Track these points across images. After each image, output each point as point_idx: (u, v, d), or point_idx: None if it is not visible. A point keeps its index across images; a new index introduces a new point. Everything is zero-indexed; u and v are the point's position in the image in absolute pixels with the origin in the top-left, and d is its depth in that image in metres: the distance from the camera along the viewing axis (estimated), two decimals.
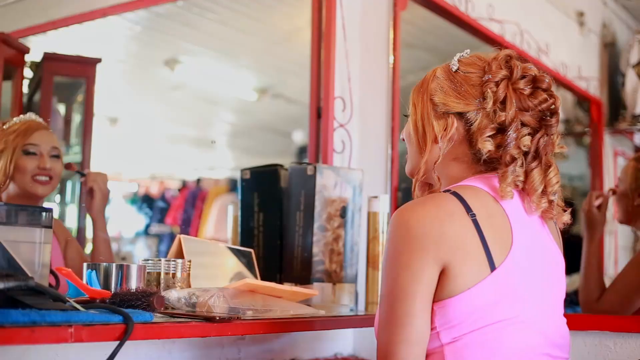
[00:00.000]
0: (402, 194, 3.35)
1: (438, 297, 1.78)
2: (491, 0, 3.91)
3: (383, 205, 2.76)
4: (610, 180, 5.37)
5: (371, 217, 2.76)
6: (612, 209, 5.36)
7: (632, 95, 5.27)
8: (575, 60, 4.81)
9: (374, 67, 3.42)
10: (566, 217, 1.97)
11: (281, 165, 2.83)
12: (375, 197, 2.77)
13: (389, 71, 3.38)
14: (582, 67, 4.83)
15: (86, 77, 3.26)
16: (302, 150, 3.61)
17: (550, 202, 1.91)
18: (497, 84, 1.92)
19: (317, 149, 3.19)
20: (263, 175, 2.85)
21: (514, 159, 1.89)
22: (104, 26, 3.40)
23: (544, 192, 1.91)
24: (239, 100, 4.11)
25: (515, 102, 1.90)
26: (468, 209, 1.81)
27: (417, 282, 1.76)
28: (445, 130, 1.93)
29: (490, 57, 1.97)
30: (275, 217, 2.79)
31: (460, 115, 1.93)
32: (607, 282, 3.64)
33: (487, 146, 1.90)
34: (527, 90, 1.93)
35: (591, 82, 5.09)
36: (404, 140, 2.07)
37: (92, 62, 3.27)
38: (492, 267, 1.79)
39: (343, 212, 2.74)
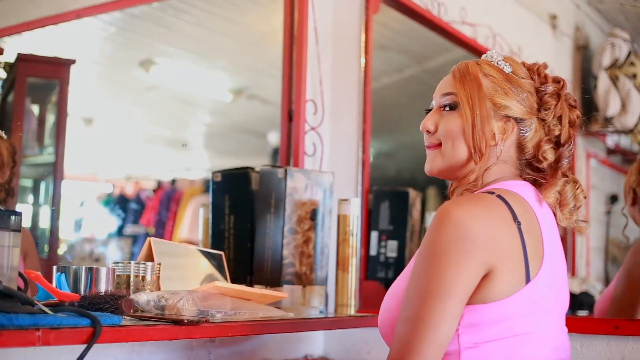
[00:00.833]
0: (373, 196, 3.37)
1: (471, 300, 1.75)
2: (464, 4, 3.93)
3: (353, 208, 2.78)
4: (582, 182, 5.39)
5: (341, 219, 2.77)
6: (584, 211, 5.39)
7: (604, 98, 5.31)
8: (548, 62, 4.83)
9: (345, 70, 3.43)
10: (588, 231, 2.01)
11: (252, 168, 2.83)
12: (346, 199, 2.78)
13: (360, 74, 3.39)
14: (555, 70, 4.84)
15: (60, 78, 3.26)
16: (277, 152, 3.61)
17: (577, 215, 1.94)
18: (552, 97, 1.96)
19: (288, 151, 3.20)
20: (234, 177, 2.85)
21: (566, 174, 1.95)
22: (79, 27, 3.39)
23: (575, 206, 1.95)
24: (214, 102, 4.11)
25: (569, 118, 1.96)
26: (514, 216, 1.80)
27: (460, 282, 1.72)
28: (504, 134, 1.92)
29: (526, 64, 2.02)
30: (246, 219, 2.80)
31: (518, 120, 1.94)
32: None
33: (549, 157, 1.94)
34: (572, 106, 2.00)
35: None
36: (429, 132, 1.96)
37: (66, 63, 3.26)
38: (527, 279, 1.79)
39: (313, 215, 2.75)
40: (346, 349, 3.23)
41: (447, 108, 1.93)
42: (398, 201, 3.33)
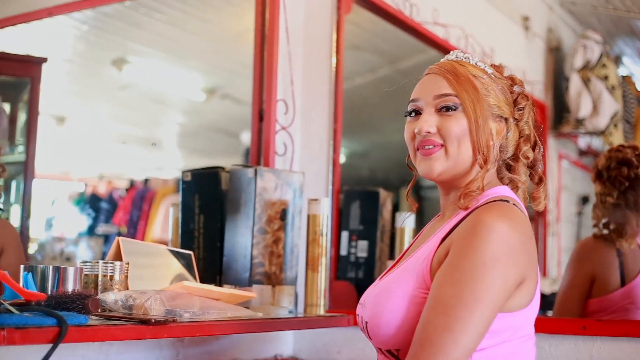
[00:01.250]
0: (343, 196, 3.37)
1: (500, 309, 1.78)
2: (436, 5, 3.94)
3: (323, 207, 2.78)
4: (554, 183, 5.43)
5: (311, 219, 2.77)
6: (555, 212, 5.42)
7: (576, 99, 5.34)
8: (520, 64, 4.86)
9: (316, 70, 3.43)
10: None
11: (222, 168, 2.83)
12: (315, 199, 2.78)
13: (331, 74, 3.39)
14: (527, 71, 4.87)
15: (32, 77, 3.25)
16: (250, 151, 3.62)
17: None
18: (524, 98, 2.01)
19: (259, 151, 3.19)
20: (204, 177, 2.85)
21: (542, 178, 2.01)
22: (51, 25, 3.38)
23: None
24: (187, 101, 4.10)
25: (534, 119, 2.02)
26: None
27: (503, 293, 1.74)
28: (499, 134, 1.94)
29: (493, 65, 2.04)
30: (216, 219, 2.79)
31: (506, 121, 1.96)
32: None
33: (530, 156, 1.98)
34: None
35: (536, 85, 5.14)
36: (429, 133, 1.91)
37: (37, 62, 3.26)
38: (534, 292, 1.86)
39: (283, 215, 2.75)
40: (316, 348, 3.23)
41: (445, 109, 1.91)
42: (369, 201, 3.33)
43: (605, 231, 3.16)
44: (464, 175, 1.94)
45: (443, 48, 4.00)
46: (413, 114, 1.97)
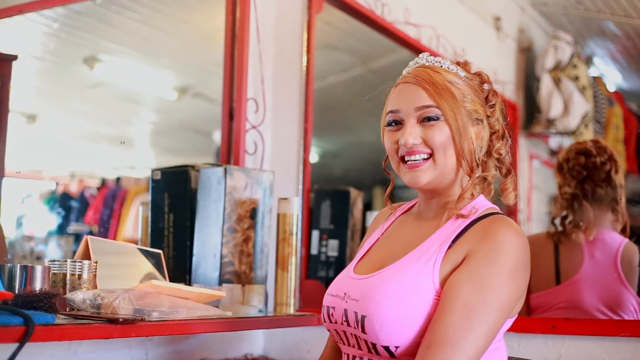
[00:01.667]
0: (314, 195, 3.38)
1: None
2: (407, 4, 3.95)
3: (293, 207, 2.78)
4: (525, 182, 5.45)
5: (281, 218, 2.77)
6: (527, 211, 5.45)
7: (547, 100, 5.37)
8: (491, 64, 4.88)
9: (287, 69, 3.43)
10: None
11: (192, 166, 2.82)
12: (285, 198, 2.78)
13: (302, 73, 3.39)
14: (499, 71, 4.89)
15: (1, 74, 3.22)
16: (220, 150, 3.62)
17: None
18: (494, 95, 2.04)
19: (229, 150, 3.19)
20: (173, 176, 2.84)
21: (510, 170, 2.06)
22: (21, 23, 3.36)
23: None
24: (159, 100, 4.09)
25: (503, 113, 2.05)
26: None
27: (515, 303, 1.86)
28: (478, 137, 1.98)
29: (460, 63, 2.06)
30: (185, 218, 2.78)
31: (481, 121, 1.99)
32: None
33: (503, 152, 2.04)
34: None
35: (507, 86, 5.16)
36: (413, 145, 1.93)
37: (7, 59, 3.23)
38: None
39: (253, 214, 2.75)
40: (286, 347, 3.23)
41: (427, 120, 1.94)
42: (339, 200, 3.34)
43: (562, 227, 3.18)
44: (448, 182, 1.98)
45: (415, 48, 4.01)
46: (393, 124, 1.99)
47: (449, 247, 1.87)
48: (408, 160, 1.95)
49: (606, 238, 3.14)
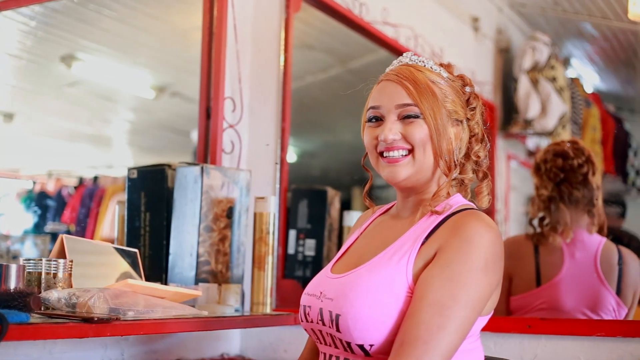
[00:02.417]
0: (291, 194, 3.37)
1: None
2: (385, 4, 3.95)
3: (270, 206, 2.78)
4: (503, 183, 5.47)
5: (258, 217, 2.77)
6: (504, 211, 5.47)
7: (524, 100, 5.39)
8: (469, 64, 4.89)
9: (265, 68, 3.42)
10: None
11: (168, 165, 2.82)
12: (262, 197, 2.78)
13: (279, 73, 3.39)
14: (476, 72, 4.91)
15: None
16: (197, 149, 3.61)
17: None
18: (475, 97, 2.05)
19: (205, 149, 3.18)
20: (150, 174, 2.83)
21: (486, 174, 2.05)
22: None
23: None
24: (136, 98, 4.08)
25: (483, 116, 2.06)
26: None
27: (488, 298, 1.85)
28: (458, 138, 1.99)
29: (443, 65, 2.07)
30: (162, 217, 2.78)
31: (461, 123, 2.00)
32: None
33: (482, 155, 2.04)
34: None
35: (485, 86, 5.18)
36: (393, 140, 1.95)
37: None
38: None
39: (230, 213, 2.74)
40: (263, 347, 3.23)
41: (407, 117, 1.95)
42: (316, 200, 3.34)
43: (540, 228, 3.19)
44: (425, 180, 1.99)
45: (393, 48, 4.01)
46: (374, 120, 2.00)
47: (422, 244, 1.87)
48: (387, 156, 1.96)
49: (585, 238, 3.15)
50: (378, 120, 1.99)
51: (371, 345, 1.82)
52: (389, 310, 1.81)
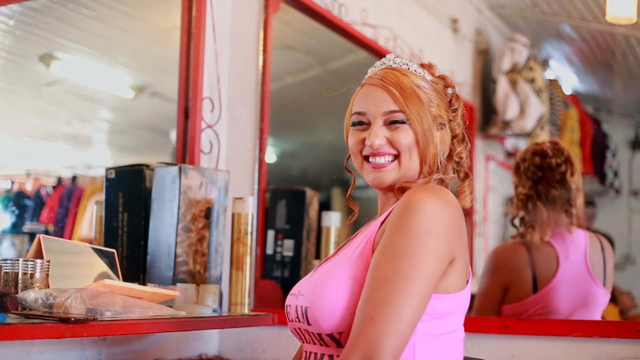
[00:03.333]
0: (269, 195, 3.37)
1: (437, 289, 1.80)
2: (364, 5, 3.96)
3: (248, 206, 2.77)
4: (481, 184, 5.49)
5: (236, 218, 2.77)
6: (483, 212, 5.49)
7: (503, 102, 5.41)
8: (448, 65, 4.90)
9: (243, 68, 3.42)
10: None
11: (146, 165, 2.81)
12: (240, 198, 2.78)
13: (258, 73, 3.39)
14: (455, 73, 4.92)
15: None
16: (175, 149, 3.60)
17: None
18: (457, 99, 2.05)
19: (184, 149, 3.18)
20: (128, 174, 2.82)
21: (468, 174, 2.05)
22: None
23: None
24: (115, 98, 4.07)
25: (464, 117, 2.06)
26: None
27: (438, 266, 1.77)
28: (443, 142, 1.99)
29: (425, 66, 2.07)
30: (140, 217, 2.77)
31: (444, 126, 2.00)
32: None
33: (464, 156, 2.04)
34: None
35: (464, 87, 5.19)
36: (379, 146, 1.95)
37: None
38: (467, 278, 1.90)
39: (208, 213, 2.74)
40: (241, 347, 3.23)
41: (394, 123, 1.95)
42: (294, 200, 3.34)
43: (521, 227, 3.20)
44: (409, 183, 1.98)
45: (372, 49, 4.02)
46: (359, 124, 2.00)
47: (380, 226, 1.88)
48: (372, 162, 1.97)
49: (574, 237, 3.16)
50: (363, 124, 1.99)
51: (340, 333, 1.82)
52: (352, 296, 1.81)
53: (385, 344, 1.69)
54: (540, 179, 3.18)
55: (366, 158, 1.99)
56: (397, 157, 1.95)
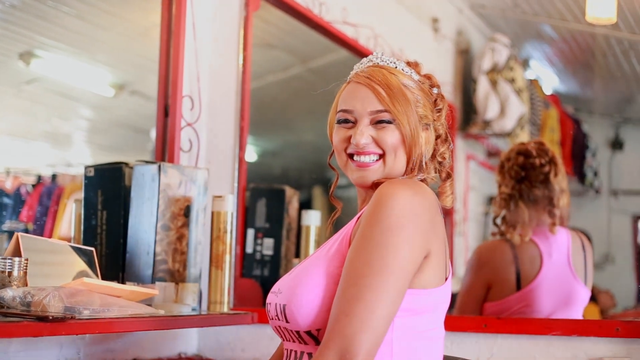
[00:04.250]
0: (249, 194, 3.37)
1: (413, 284, 1.79)
2: (345, 4, 3.96)
3: (228, 205, 2.77)
4: (462, 183, 5.50)
5: (215, 216, 2.76)
6: (463, 212, 5.50)
7: (483, 101, 5.42)
8: (429, 65, 4.89)
9: (223, 66, 3.42)
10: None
11: (126, 163, 2.80)
12: (220, 196, 2.78)
13: (238, 71, 3.38)
14: (436, 72, 4.91)
15: None
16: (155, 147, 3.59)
17: None
18: (442, 99, 2.05)
19: (163, 147, 3.17)
20: (107, 172, 2.81)
21: (450, 174, 2.04)
22: None
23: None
24: (95, 96, 4.05)
25: (448, 118, 2.06)
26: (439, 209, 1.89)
27: (412, 260, 1.76)
28: (428, 142, 1.98)
29: (411, 64, 2.06)
30: (119, 215, 2.76)
31: (429, 126, 2.00)
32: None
33: (447, 156, 2.04)
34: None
35: (444, 87, 5.18)
36: (365, 145, 1.94)
37: None
38: (446, 275, 1.89)
39: (187, 212, 2.73)
40: (220, 346, 3.23)
41: (380, 122, 1.94)
42: (274, 199, 3.34)
43: (503, 227, 3.21)
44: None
45: (353, 47, 4.02)
46: (344, 122, 1.99)
47: (356, 222, 1.88)
48: (357, 160, 1.96)
49: (557, 236, 3.17)
50: (349, 122, 1.98)
51: (318, 330, 1.82)
52: (329, 293, 1.81)
53: (360, 339, 1.69)
54: (523, 179, 3.19)
55: (351, 156, 1.98)
56: (382, 156, 1.95)
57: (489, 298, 3.17)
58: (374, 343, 1.71)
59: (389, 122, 1.93)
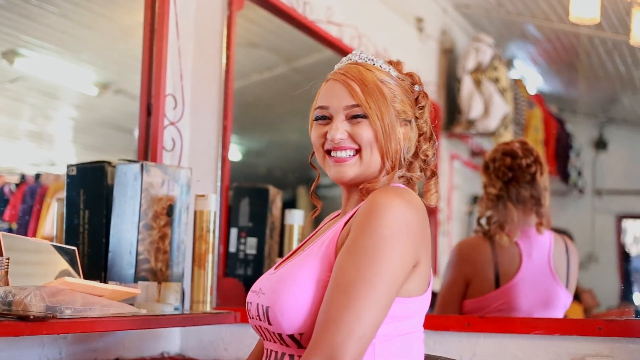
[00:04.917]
0: (233, 193, 3.37)
1: (399, 293, 1.80)
2: (329, 3, 3.96)
3: (211, 204, 2.77)
4: (446, 182, 5.51)
5: (198, 215, 2.76)
6: (447, 211, 5.51)
7: (467, 101, 5.43)
8: (413, 64, 4.89)
9: (207, 65, 3.41)
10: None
11: (108, 162, 2.80)
12: (202, 195, 2.77)
13: (222, 70, 3.38)
14: (420, 72, 4.91)
15: None
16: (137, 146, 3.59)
17: None
18: (424, 96, 2.05)
19: (146, 146, 3.16)
20: (89, 171, 2.80)
21: (434, 172, 2.05)
22: None
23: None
24: (79, 95, 4.04)
25: (432, 115, 2.06)
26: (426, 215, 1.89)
27: (403, 270, 1.77)
28: (406, 139, 1.98)
29: (392, 62, 2.06)
30: (101, 214, 2.75)
31: (410, 122, 1.99)
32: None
33: (430, 154, 2.04)
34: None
35: (429, 86, 5.20)
36: (340, 140, 1.94)
37: None
38: (429, 281, 1.91)
39: (170, 211, 2.73)
40: (203, 346, 3.22)
41: (355, 117, 1.95)
42: (258, 198, 3.33)
43: (487, 226, 3.21)
44: (371, 179, 1.98)
45: (337, 47, 4.02)
46: (321, 119, 2.00)
47: (344, 227, 1.88)
48: (334, 156, 1.96)
49: (540, 237, 3.18)
50: (326, 119, 1.99)
51: (301, 334, 1.82)
52: (315, 298, 1.81)
53: (347, 347, 1.70)
54: (510, 180, 3.19)
55: (328, 152, 1.98)
56: (358, 151, 1.95)
57: (468, 295, 3.18)
58: (360, 351, 1.72)
59: (364, 117, 1.93)
